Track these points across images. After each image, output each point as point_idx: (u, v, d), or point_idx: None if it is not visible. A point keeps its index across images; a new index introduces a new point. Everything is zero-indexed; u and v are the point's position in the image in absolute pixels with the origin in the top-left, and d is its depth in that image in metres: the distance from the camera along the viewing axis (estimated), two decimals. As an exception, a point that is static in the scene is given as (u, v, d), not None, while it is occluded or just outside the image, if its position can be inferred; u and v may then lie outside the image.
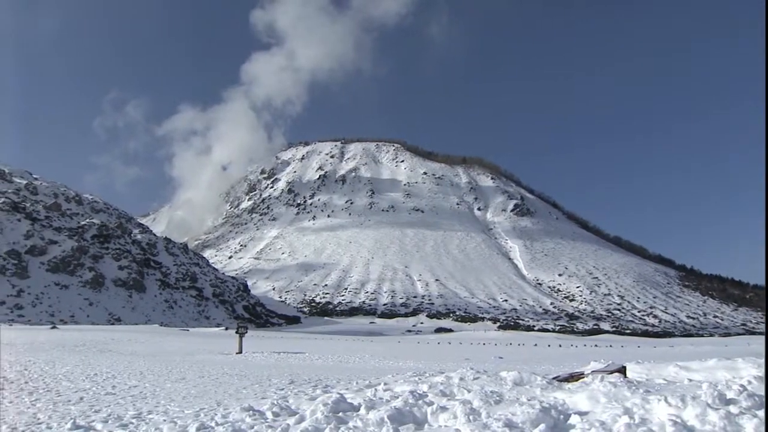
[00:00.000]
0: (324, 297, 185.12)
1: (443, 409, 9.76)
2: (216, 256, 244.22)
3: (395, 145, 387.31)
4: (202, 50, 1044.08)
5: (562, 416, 8.81)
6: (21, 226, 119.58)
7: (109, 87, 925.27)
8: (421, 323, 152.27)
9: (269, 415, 10.88)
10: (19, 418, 12.26)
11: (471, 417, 9.10)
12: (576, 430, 8.29)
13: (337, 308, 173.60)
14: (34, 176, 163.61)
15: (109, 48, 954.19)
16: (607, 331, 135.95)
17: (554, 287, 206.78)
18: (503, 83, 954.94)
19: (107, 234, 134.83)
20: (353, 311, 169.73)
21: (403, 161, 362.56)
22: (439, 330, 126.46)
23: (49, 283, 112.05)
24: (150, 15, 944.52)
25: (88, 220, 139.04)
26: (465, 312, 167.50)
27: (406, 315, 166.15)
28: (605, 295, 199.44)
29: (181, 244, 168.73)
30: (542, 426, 8.23)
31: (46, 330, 63.26)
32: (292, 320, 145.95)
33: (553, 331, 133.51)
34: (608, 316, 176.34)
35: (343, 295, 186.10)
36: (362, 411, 10.24)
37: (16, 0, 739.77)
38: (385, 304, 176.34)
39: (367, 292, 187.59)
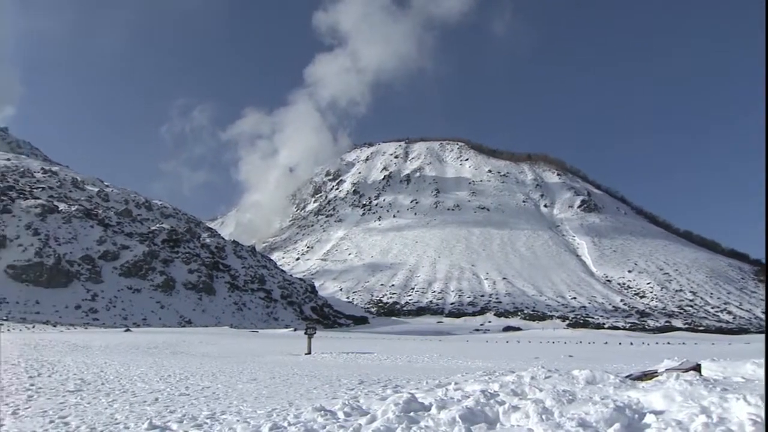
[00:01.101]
0: (391, 297, 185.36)
1: (515, 408, 9.68)
2: (283, 258, 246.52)
3: (459, 143, 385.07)
4: (265, 54, 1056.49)
5: (636, 415, 8.66)
6: (94, 232, 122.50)
7: (175, 94, 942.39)
8: (489, 322, 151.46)
9: (341, 415, 10.91)
10: (97, 418, 12.54)
11: (544, 416, 9.00)
12: (651, 430, 8.13)
13: (405, 308, 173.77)
14: (106, 183, 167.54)
15: (175, 56, 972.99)
16: (680, 328, 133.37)
17: (624, 284, 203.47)
18: (566, 78, 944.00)
19: (177, 238, 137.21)
20: (420, 311, 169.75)
21: (467, 159, 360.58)
22: (508, 329, 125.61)
23: (122, 287, 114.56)
24: (213, 21, 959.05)
25: (158, 225, 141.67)
26: (533, 310, 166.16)
27: (473, 314, 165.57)
28: (677, 291, 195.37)
29: (248, 247, 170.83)
30: (617, 425, 8.10)
31: (119, 333, 64.63)
32: (359, 321, 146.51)
33: (624, 328, 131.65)
34: (680, 312, 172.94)
35: (410, 295, 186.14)
36: (433, 410, 10.20)
37: (83, 17, 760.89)
38: (452, 304, 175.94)
39: (434, 292, 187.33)
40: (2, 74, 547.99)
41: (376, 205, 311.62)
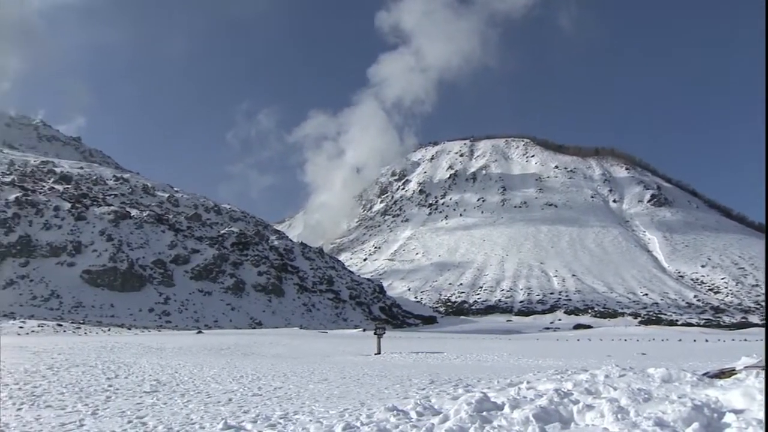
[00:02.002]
0: (459, 296, 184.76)
1: (589, 407, 9.55)
2: (351, 258, 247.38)
3: (524, 140, 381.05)
4: (329, 55, 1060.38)
5: (715, 414, 8.46)
6: (165, 237, 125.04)
7: (240, 98, 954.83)
8: (559, 320, 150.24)
9: (413, 414, 10.90)
10: (173, 418, 12.80)
11: (619, 416, 8.87)
12: (732, 429, 7.93)
13: (473, 307, 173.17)
14: (175, 189, 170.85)
15: (239, 61, 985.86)
16: (757, 324, 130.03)
17: (697, 279, 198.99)
18: (633, 70, 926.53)
19: (246, 241, 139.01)
20: (489, 309, 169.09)
21: (533, 156, 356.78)
22: (578, 326, 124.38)
23: (193, 290, 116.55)
24: (275, 25, 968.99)
25: (227, 229, 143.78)
26: (604, 307, 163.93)
27: (543, 312, 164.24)
28: (753, 286, 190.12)
29: (316, 248, 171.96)
30: (695, 425, 7.93)
31: (192, 335, 65.81)
32: (428, 320, 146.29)
33: (698, 325, 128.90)
34: (757, 308, 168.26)
35: (478, 294, 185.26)
36: (506, 410, 10.13)
37: (147, 27, 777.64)
38: (521, 302, 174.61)
39: (502, 290, 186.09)
40: (73, 86, 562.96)
41: (443, 204, 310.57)
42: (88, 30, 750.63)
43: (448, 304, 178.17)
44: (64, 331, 70.47)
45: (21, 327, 70.81)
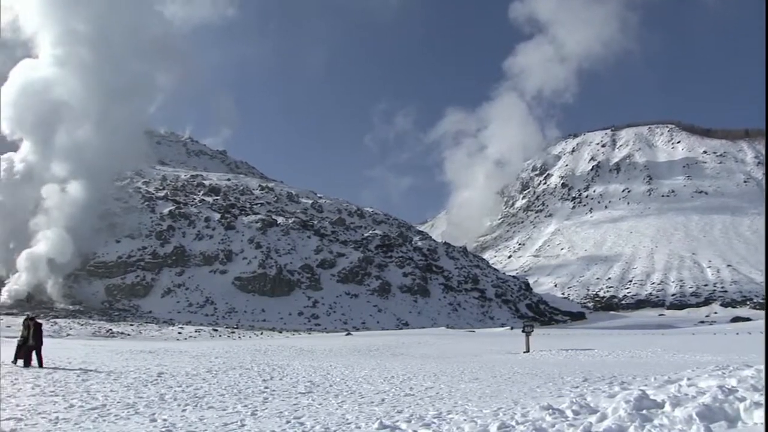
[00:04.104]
0: (608, 291, 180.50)
1: (758, 405, 9.10)
2: (495, 256, 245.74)
3: (669, 126, 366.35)
4: (464, 51, 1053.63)
5: None
6: (311, 242, 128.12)
7: (377, 101, 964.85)
8: (715, 313, 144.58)
9: (569, 413, 10.70)
10: (329, 418, 13.08)
11: (791, 413, 8.42)
12: None
13: (623, 302, 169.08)
14: (319, 195, 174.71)
15: (374, 64, 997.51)
16: None
17: None
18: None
19: (389, 243, 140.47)
20: (640, 304, 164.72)
21: (679, 142, 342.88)
22: (736, 319, 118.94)
23: (340, 293, 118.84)
24: (407, 24, 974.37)
25: (371, 232, 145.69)
26: (763, 298, 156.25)
27: (697, 305, 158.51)
28: None
29: (460, 247, 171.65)
30: None
31: (341, 336, 67.05)
32: (576, 316, 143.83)
33: None
34: None
35: (627, 288, 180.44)
36: (667, 408, 9.80)
37: (286, 39, 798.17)
38: (673, 295, 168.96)
39: (653, 283, 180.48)
40: (221, 101, 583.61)
41: (586, 196, 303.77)
42: (229, 46, 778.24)
43: (597, 299, 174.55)
44: (220, 335, 73.28)
45: (179, 333, 74.24)
